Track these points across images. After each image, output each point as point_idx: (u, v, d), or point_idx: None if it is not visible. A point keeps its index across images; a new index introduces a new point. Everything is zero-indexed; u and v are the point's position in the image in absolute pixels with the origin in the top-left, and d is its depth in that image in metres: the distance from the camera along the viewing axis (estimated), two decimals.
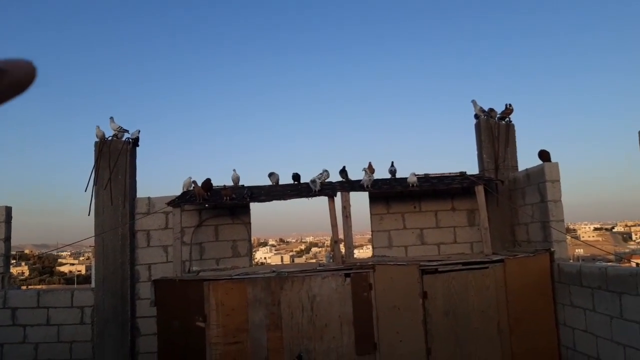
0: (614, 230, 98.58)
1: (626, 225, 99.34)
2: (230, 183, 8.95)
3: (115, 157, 8.80)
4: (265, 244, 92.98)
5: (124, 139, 8.97)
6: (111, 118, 8.97)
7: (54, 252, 68.31)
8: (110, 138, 8.91)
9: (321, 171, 8.78)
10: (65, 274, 60.37)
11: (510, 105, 9.41)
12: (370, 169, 8.56)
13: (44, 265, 64.55)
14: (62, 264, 69.51)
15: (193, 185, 8.36)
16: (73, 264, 68.96)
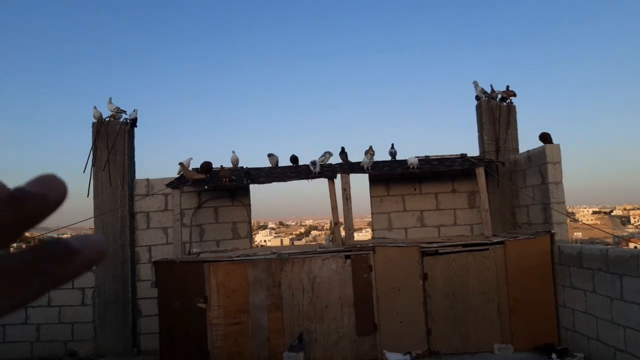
0: (612, 213, 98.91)
1: (625, 209, 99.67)
2: (229, 165, 8.90)
3: (114, 138, 8.73)
4: (265, 227, 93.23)
5: (121, 119, 8.90)
6: (110, 99, 8.89)
7: (54, 234, 68.59)
8: (107, 119, 8.82)
9: (323, 153, 8.72)
10: None
11: (508, 87, 9.32)
12: (371, 151, 8.50)
13: None
14: None
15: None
16: None
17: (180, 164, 8.24)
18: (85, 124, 8.95)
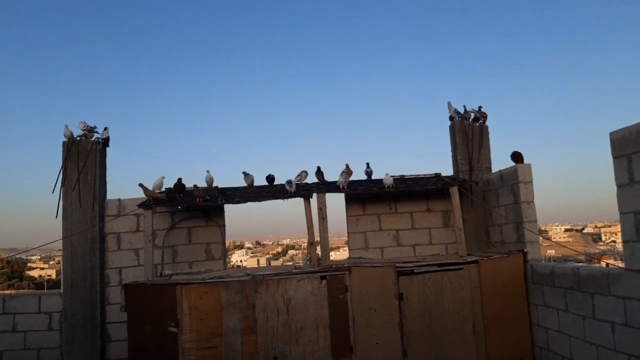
0: (584, 231, 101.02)
1: (596, 227, 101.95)
2: (203, 184, 8.78)
3: (84, 158, 8.54)
4: (241, 247, 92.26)
5: (93, 138, 8.72)
6: (83, 123, 8.71)
7: (23, 256, 66.46)
8: (78, 138, 8.65)
9: (299, 172, 8.70)
10: (35, 278, 58.71)
11: (481, 107, 9.49)
12: (348, 171, 8.50)
13: (13, 270, 62.67)
14: (31, 269, 67.63)
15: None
16: (43, 269, 67.20)
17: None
18: (56, 142, 8.75)
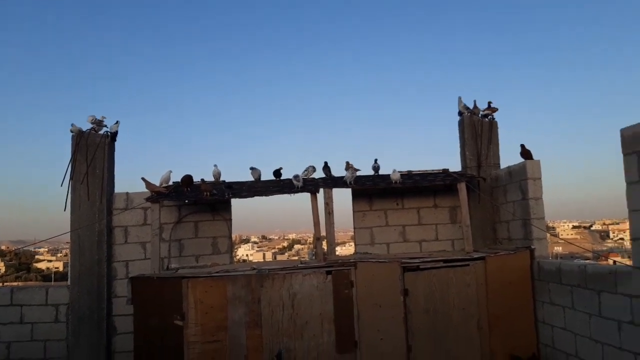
0: (592, 228, 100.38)
1: (604, 224, 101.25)
2: (211, 179, 8.79)
3: (93, 151, 8.58)
4: (247, 241, 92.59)
5: (102, 132, 8.75)
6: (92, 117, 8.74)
7: (31, 249, 67.09)
8: (88, 131, 8.67)
9: (306, 167, 8.68)
10: (43, 270, 59.30)
11: (490, 103, 9.42)
12: (350, 167, 8.47)
13: (21, 262, 63.31)
14: (39, 261, 68.28)
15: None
16: (50, 261, 67.82)
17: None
18: (65, 135, 8.79)
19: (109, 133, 8.79)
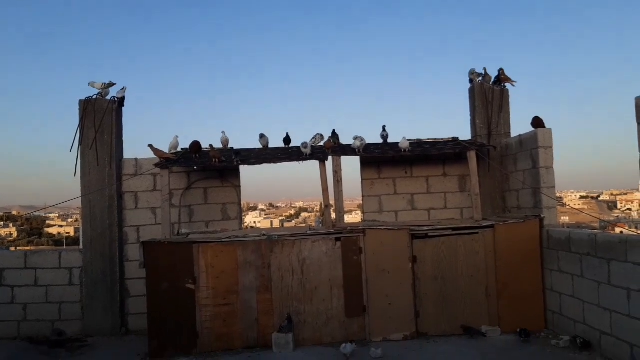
0: (599, 198, 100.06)
1: (612, 194, 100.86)
2: (219, 146, 8.78)
3: (101, 117, 8.56)
4: (255, 209, 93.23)
5: (109, 97, 8.71)
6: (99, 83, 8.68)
7: (42, 214, 67.98)
8: (95, 96, 8.63)
9: (314, 135, 8.64)
10: (54, 235, 60.23)
11: (501, 70, 9.23)
12: (359, 138, 8.39)
13: (32, 227, 64.33)
14: (50, 226, 69.29)
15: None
16: (61, 226, 68.79)
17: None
18: (73, 101, 8.76)
19: (116, 99, 8.74)
